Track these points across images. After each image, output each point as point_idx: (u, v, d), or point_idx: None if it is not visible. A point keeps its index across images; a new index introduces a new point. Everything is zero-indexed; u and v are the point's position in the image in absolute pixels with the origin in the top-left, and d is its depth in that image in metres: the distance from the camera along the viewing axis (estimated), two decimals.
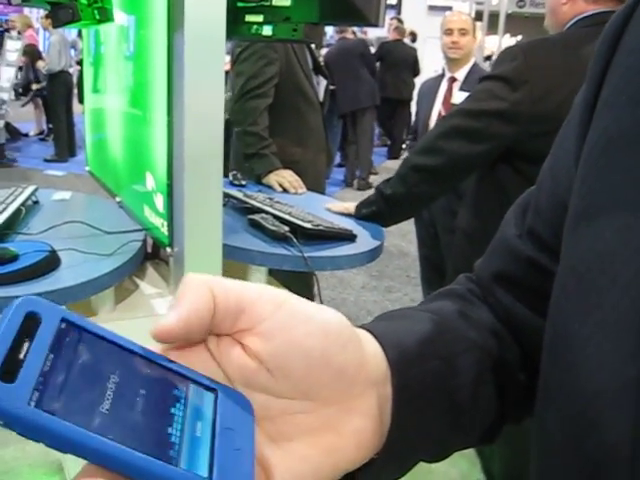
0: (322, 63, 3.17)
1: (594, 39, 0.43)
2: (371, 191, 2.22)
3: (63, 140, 8.53)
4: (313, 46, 2.93)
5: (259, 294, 0.37)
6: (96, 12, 1.56)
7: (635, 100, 0.36)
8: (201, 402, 0.35)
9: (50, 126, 9.35)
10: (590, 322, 0.34)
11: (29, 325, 0.31)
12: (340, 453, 0.38)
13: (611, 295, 0.33)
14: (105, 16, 1.59)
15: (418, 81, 7.53)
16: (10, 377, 0.29)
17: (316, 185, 2.75)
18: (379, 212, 2.12)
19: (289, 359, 0.36)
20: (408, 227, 5.67)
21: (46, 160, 8.35)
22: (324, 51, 7.57)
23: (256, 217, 1.89)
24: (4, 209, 1.77)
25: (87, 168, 2.47)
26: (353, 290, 4.44)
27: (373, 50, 8.54)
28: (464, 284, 0.58)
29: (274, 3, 1.67)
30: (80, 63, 7.91)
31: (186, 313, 0.34)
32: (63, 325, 0.33)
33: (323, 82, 3.10)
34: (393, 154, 9.26)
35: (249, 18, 1.88)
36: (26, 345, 0.30)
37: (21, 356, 0.30)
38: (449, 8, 16.38)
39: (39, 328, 0.32)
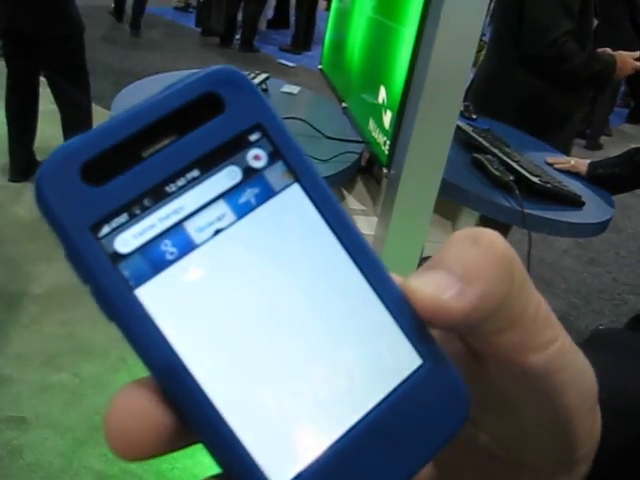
0: None
1: None
2: (600, 152, 2.01)
3: (301, 33, 8.65)
4: None
5: (545, 313, 0.25)
6: None
7: None
8: (382, 370, 0.22)
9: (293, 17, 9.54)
10: None
11: (198, 112, 0.21)
12: None
13: None
14: None
15: None
16: (102, 177, 0.20)
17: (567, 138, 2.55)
18: (619, 177, 1.91)
19: (527, 402, 0.26)
20: (630, 200, 5.22)
21: (281, 49, 8.55)
22: None
23: (481, 157, 1.75)
24: None
25: (320, 66, 2.43)
26: (553, 252, 4.17)
27: None
28: None
29: None
30: None
31: (482, 293, 0.23)
32: (253, 137, 0.22)
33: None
34: (634, 118, 8.43)
35: None
36: (165, 142, 0.20)
37: (146, 154, 0.20)
38: None
39: (206, 123, 0.21)
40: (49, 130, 3.69)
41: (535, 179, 1.65)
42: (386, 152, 1.42)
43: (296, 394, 0.21)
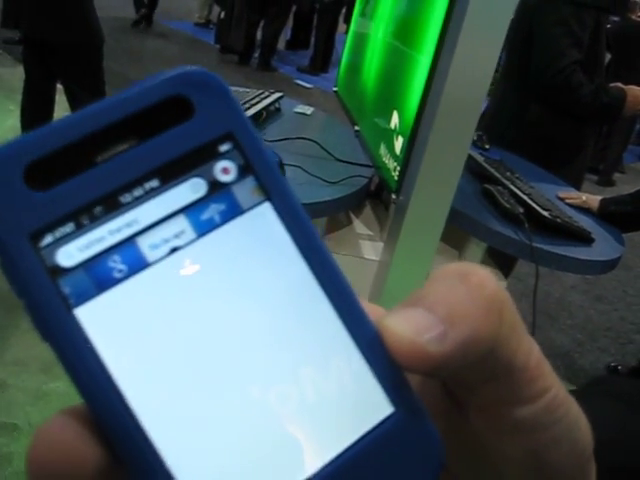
0: None
1: None
2: (612, 189, 2.01)
3: (319, 54, 8.70)
4: None
5: (537, 362, 0.23)
6: None
7: None
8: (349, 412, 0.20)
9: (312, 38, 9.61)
10: None
11: (164, 115, 0.19)
12: None
13: None
14: None
15: None
16: (47, 181, 0.17)
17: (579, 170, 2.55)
18: (631, 215, 1.89)
19: (511, 457, 0.23)
20: (639, 238, 5.19)
21: (298, 70, 8.60)
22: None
23: (492, 188, 1.73)
24: (247, 109, 1.77)
25: (335, 88, 2.43)
26: (560, 286, 4.13)
27: None
28: None
29: None
30: None
31: (467, 338, 0.20)
32: (223, 147, 0.19)
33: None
34: None
35: None
36: (123, 146, 0.18)
37: (100, 159, 0.18)
38: None
39: (172, 129, 0.19)
40: None
41: (545, 213, 1.63)
42: (395, 178, 1.41)
43: (248, 436, 0.18)
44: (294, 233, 0.20)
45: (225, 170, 0.19)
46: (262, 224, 0.20)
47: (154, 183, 0.19)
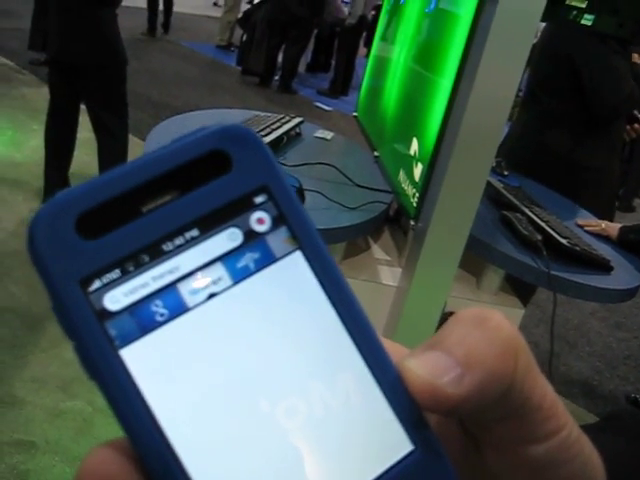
0: None
1: None
2: (632, 215, 2.01)
3: (339, 77, 8.76)
4: None
5: (551, 402, 0.23)
6: None
7: None
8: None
9: (333, 62, 9.68)
10: None
11: (204, 169, 0.20)
12: None
13: None
14: None
15: None
16: (97, 230, 0.19)
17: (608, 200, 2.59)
18: None
19: None
20: None
21: (318, 92, 8.65)
22: None
23: (510, 215, 1.73)
24: (268, 133, 1.79)
25: (355, 114, 2.44)
26: (580, 313, 4.09)
27: None
28: None
29: None
30: (377, 8, 7.97)
31: (483, 380, 0.21)
32: (258, 199, 0.21)
33: None
34: None
35: (571, 1, 1.70)
36: (166, 197, 0.20)
37: (145, 209, 0.19)
38: None
39: (211, 181, 0.20)
40: (86, 158, 3.75)
41: (563, 241, 1.63)
42: (414, 204, 1.42)
43: (280, 473, 0.20)
44: (323, 280, 0.21)
45: (260, 220, 0.21)
46: (293, 271, 0.21)
47: (194, 232, 0.20)
